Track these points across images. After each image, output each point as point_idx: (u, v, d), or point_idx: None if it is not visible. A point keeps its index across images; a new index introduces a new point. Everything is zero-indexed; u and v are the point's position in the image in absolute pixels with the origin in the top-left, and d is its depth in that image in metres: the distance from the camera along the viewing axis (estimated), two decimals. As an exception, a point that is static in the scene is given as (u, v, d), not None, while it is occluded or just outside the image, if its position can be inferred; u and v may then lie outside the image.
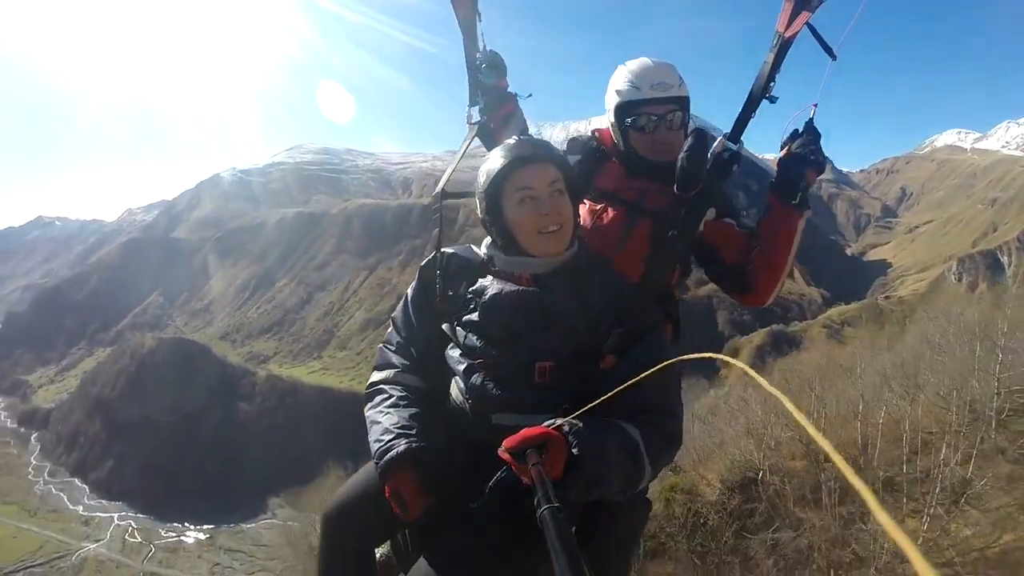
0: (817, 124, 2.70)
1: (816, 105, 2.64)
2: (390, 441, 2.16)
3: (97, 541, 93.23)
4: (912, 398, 13.77)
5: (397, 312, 2.55)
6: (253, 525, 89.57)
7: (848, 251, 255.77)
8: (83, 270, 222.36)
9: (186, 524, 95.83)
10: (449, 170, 2.88)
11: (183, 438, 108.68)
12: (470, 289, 2.32)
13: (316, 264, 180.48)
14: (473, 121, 3.19)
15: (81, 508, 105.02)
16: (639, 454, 2.00)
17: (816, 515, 12.15)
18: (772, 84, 2.69)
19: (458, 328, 2.31)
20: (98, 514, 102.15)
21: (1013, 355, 12.98)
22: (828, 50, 2.63)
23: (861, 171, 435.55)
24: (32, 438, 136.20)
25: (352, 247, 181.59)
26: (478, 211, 2.32)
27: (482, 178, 2.28)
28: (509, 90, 3.30)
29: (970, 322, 16.02)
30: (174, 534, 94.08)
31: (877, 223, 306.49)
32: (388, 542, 2.50)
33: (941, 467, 10.98)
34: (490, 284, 2.29)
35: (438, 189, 2.81)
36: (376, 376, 2.46)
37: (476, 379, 2.23)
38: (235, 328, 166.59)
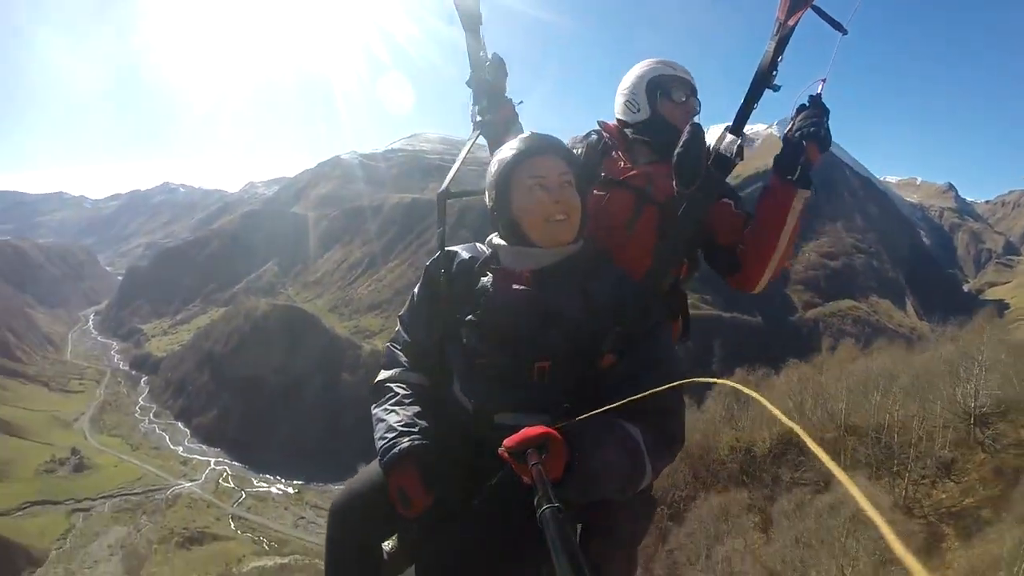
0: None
1: (824, 80, 2.65)
2: (394, 439, 2.21)
3: (192, 481, 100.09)
4: (914, 399, 17.75)
5: (404, 311, 2.65)
6: (340, 487, 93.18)
7: (965, 287, 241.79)
8: (204, 234, 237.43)
9: (277, 477, 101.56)
10: (453, 170, 3.01)
11: (285, 398, 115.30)
12: (472, 288, 2.38)
13: (428, 249, 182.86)
14: (477, 120, 3.30)
15: (181, 449, 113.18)
16: (640, 454, 2.03)
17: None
18: (775, 73, 2.68)
19: (460, 327, 2.35)
20: (196, 457, 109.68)
21: (989, 370, 16.13)
22: (837, 26, 2.64)
23: (987, 202, 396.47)
24: (142, 381, 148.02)
25: (464, 236, 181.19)
26: (486, 199, 2.42)
27: (493, 167, 2.37)
28: (507, 95, 3.40)
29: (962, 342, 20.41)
30: (265, 485, 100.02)
31: (999, 260, 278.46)
32: (396, 536, 2.60)
33: (912, 448, 15.40)
34: (490, 283, 2.34)
35: (442, 189, 2.94)
36: (383, 375, 2.55)
37: (477, 378, 2.30)
38: (344, 303, 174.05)
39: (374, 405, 2.42)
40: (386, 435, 2.24)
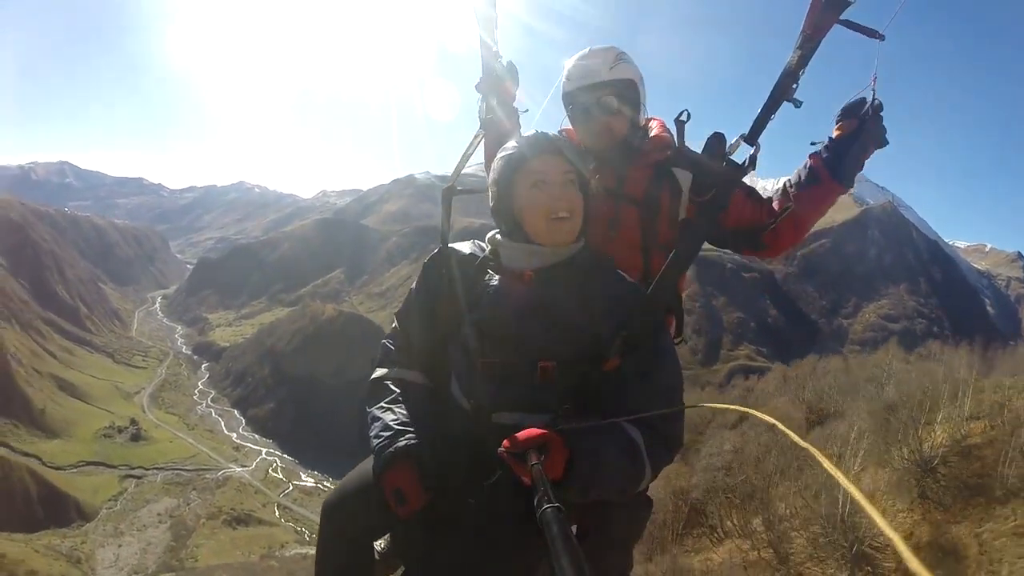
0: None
1: (875, 77, 2.58)
2: (389, 437, 2.18)
3: (243, 467, 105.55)
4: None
5: (401, 308, 2.60)
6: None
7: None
8: (276, 236, 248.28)
9: (325, 474, 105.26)
10: (457, 166, 2.93)
11: (341, 400, 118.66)
12: (473, 286, 2.33)
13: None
14: (485, 117, 3.24)
15: (235, 436, 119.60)
16: (639, 456, 2.02)
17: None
18: (796, 86, 2.63)
19: (460, 325, 2.31)
20: (249, 445, 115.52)
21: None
22: (872, 33, 2.55)
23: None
24: (203, 367, 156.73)
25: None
26: (489, 198, 2.36)
27: (497, 164, 2.32)
28: (515, 104, 3.37)
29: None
30: (312, 480, 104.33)
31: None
32: (388, 535, 2.61)
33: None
34: (493, 282, 2.30)
35: (447, 185, 2.85)
36: (378, 372, 2.49)
37: (477, 377, 2.25)
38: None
39: (369, 403, 2.40)
40: (382, 433, 2.21)
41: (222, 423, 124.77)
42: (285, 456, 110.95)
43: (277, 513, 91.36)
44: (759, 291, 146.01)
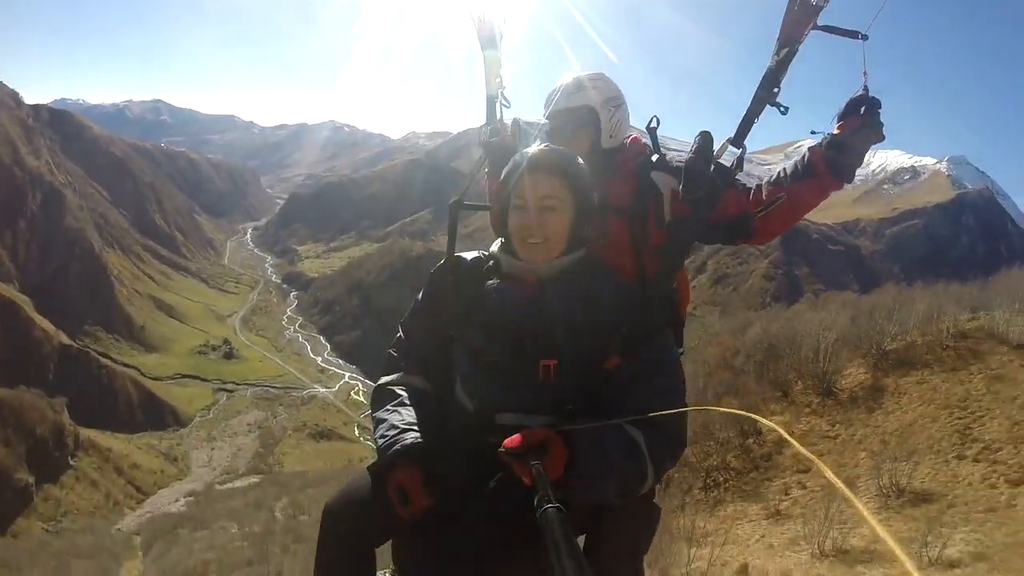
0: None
1: (865, 72, 2.65)
2: (395, 436, 2.21)
3: (327, 388, 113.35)
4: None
5: (406, 317, 2.64)
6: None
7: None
8: (366, 174, 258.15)
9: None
10: (466, 184, 3.00)
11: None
12: (478, 290, 2.40)
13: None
14: (487, 140, 3.32)
15: (320, 359, 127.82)
16: (641, 456, 2.03)
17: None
18: (777, 91, 2.76)
19: (465, 330, 2.38)
20: (333, 369, 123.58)
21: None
22: (853, 35, 2.65)
23: None
24: (291, 295, 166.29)
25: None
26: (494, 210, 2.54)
27: (501, 180, 2.42)
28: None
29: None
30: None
31: None
32: (391, 568, 2.59)
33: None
34: (497, 285, 2.37)
35: (452, 200, 2.90)
36: (384, 379, 2.55)
37: (480, 378, 2.31)
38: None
39: (374, 408, 2.47)
40: (387, 432, 2.25)
41: (308, 347, 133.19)
42: (367, 381, 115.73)
43: (356, 432, 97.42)
44: (843, 265, 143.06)
